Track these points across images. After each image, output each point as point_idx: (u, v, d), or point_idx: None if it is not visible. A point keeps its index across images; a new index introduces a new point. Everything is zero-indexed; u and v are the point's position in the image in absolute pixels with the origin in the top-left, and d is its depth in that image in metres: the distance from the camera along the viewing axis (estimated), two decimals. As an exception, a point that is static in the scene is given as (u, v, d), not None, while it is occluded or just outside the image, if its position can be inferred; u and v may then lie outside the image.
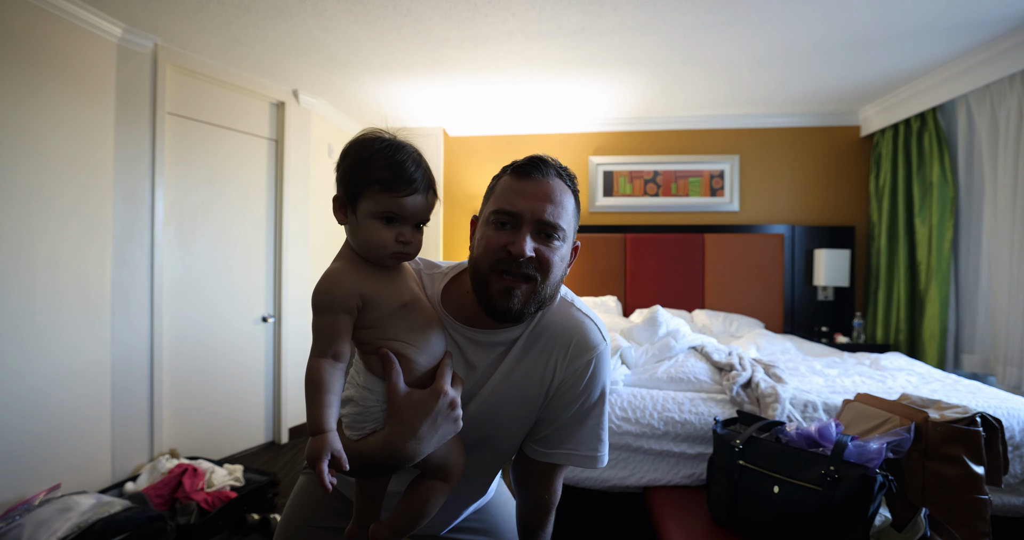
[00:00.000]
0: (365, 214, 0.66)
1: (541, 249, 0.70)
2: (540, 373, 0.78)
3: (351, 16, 2.12)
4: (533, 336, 0.79)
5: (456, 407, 0.69)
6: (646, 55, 2.53)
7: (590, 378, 0.79)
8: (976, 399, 1.74)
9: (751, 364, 1.94)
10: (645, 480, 1.70)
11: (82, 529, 1.60)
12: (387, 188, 0.64)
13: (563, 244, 0.73)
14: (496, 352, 0.78)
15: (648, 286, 3.52)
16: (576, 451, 0.80)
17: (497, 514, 1.00)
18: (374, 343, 0.68)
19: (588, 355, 0.79)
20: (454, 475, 0.74)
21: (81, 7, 2.00)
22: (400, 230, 0.66)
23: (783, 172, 3.59)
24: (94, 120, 2.13)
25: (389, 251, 0.67)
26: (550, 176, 0.73)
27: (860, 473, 1.19)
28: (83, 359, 2.09)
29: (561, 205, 0.72)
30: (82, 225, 2.08)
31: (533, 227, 0.70)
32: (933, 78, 2.76)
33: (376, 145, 0.66)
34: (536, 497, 0.85)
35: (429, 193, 0.68)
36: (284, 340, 3.00)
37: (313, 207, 3.20)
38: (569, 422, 0.80)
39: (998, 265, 2.51)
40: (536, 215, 0.70)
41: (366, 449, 0.66)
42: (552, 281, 0.72)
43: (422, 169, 0.67)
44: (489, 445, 0.81)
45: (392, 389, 0.67)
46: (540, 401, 0.79)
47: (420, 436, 0.66)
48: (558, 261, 0.72)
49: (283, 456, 2.80)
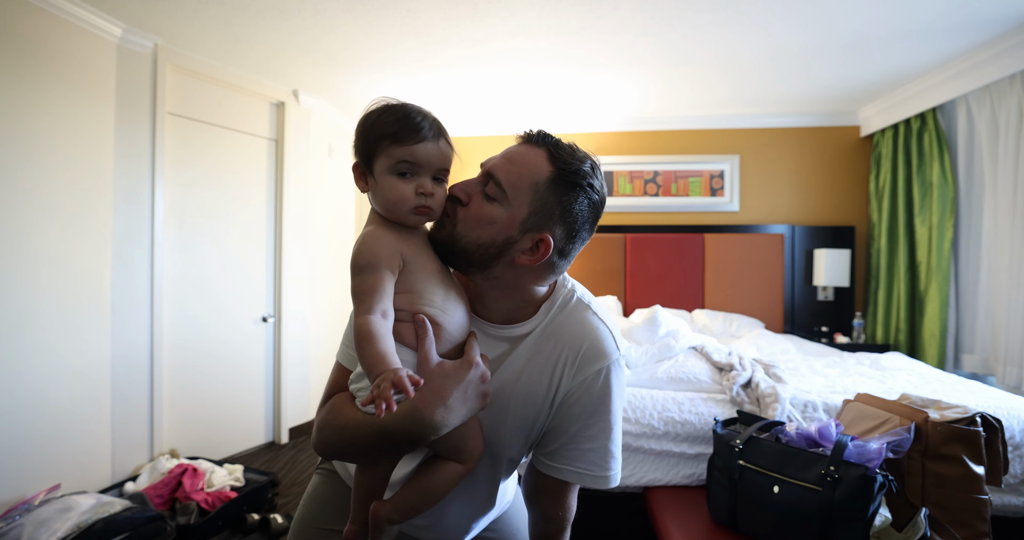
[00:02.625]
0: (381, 172, 0.66)
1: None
2: (547, 376, 0.74)
3: (351, 16, 2.12)
4: (543, 335, 0.75)
5: (487, 381, 0.67)
6: (646, 55, 2.53)
7: (601, 390, 0.74)
8: (976, 399, 1.74)
9: (751, 364, 1.94)
10: (645, 480, 1.70)
11: (82, 529, 1.60)
12: (396, 139, 0.65)
13: (491, 203, 0.69)
14: (503, 347, 0.76)
15: (648, 286, 3.52)
16: (586, 470, 0.75)
17: (513, 525, 0.96)
18: (408, 309, 0.66)
19: (599, 364, 0.73)
20: (471, 458, 0.70)
21: (81, 7, 2.00)
22: (419, 182, 0.66)
23: (783, 172, 3.59)
24: (94, 120, 2.13)
25: (410, 205, 0.66)
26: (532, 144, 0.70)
27: (860, 473, 1.19)
28: (83, 359, 2.09)
29: (515, 163, 0.69)
30: (82, 225, 2.08)
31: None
32: (933, 78, 2.76)
33: (382, 107, 0.68)
34: (550, 513, 0.81)
35: (441, 141, 0.68)
36: (284, 340, 3.00)
37: (313, 207, 3.20)
38: (578, 437, 0.75)
39: (998, 265, 2.51)
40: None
41: (389, 420, 0.61)
42: (466, 230, 0.69)
43: (429, 119, 0.67)
44: (489, 446, 0.77)
45: (424, 357, 0.64)
46: (545, 407, 0.76)
47: (449, 406, 0.63)
48: (468, 208, 0.70)
49: (283, 456, 2.80)
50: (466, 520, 0.84)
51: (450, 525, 0.82)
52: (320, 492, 0.89)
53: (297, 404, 3.10)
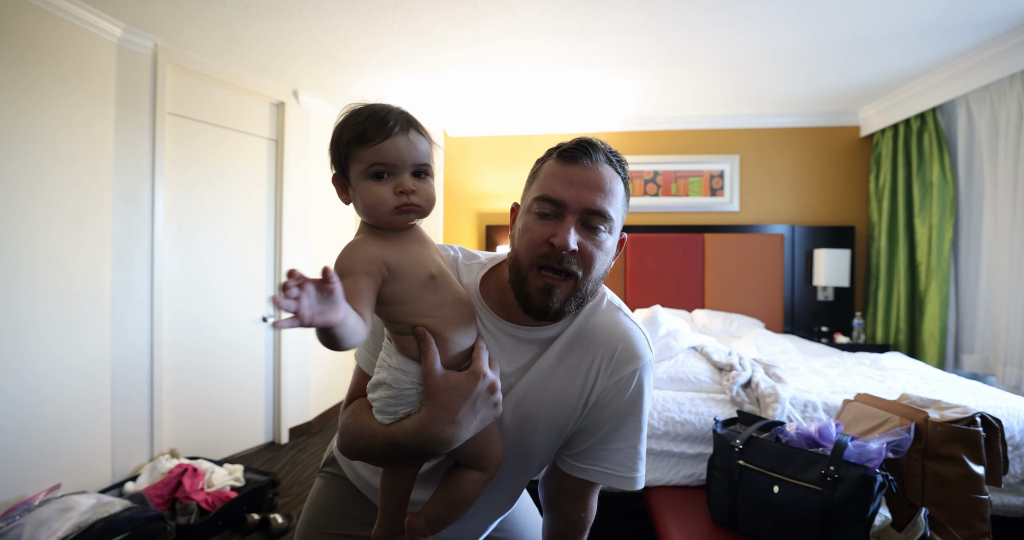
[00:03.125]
0: (357, 178, 0.63)
1: (585, 243, 0.66)
2: (582, 378, 0.73)
3: (351, 16, 2.12)
4: (575, 337, 0.74)
5: (496, 391, 0.66)
6: (646, 55, 2.53)
7: (634, 391, 0.74)
8: (976, 399, 1.74)
9: (751, 364, 1.94)
10: (645, 480, 1.70)
11: (82, 529, 1.60)
12: (364, 140, 0.61)
13: (609, 236, 0.68)
14: (533, 350, 0.74)
15: (648, 286, 3.52)
16: (613, 470, 0.75)
17: (520, 523, 0.96)
18: (407, 321, 0.64)
19: (633, 365, 0.74)
20: (492, 465, 0.70)
21: (81, 7, 2.00)
22: (397, 181, 0.62)
23: (783, 172, 3.59)
24: (94, 120, 2.13)
25: (391, 206, 0.62)
26: (600, 162, 0.68)
27: (860, 473, 1.19)
28: (83, 359, 2.09)
29: (611, 193, 0.67)
30: (82, 225, 2.08)
31: (579, 217, 0.66)
32: (933, 78, 2.76)
33: (348, 112, 0.65)
34: (571, 516, 0.80)
35: (411, 132, 0.63)
36: (284, 340, 3.00)
37: (313, 207, 3.20)
38: (608, 437, 0.75)
39: (998, 265, 2.51)
40: (583, 204, 0.65)
41: (400, 434, 0.62)
42: (595, 276, 0.68)
43: (395, 113, 0.63)
44: (520, 450, 0.75)
45: (429, 370, 0.62)
46: (578, 409, 0.75)
47: (458, 420, 0.62)
48: (602, 255, 0.68)
49: (283, 456, 2.80)
50: (486, 522, 0.84)
51: (470, 525, 0.82)
52: (324, 496, 0.88)
53: (297, 404, 3.10)
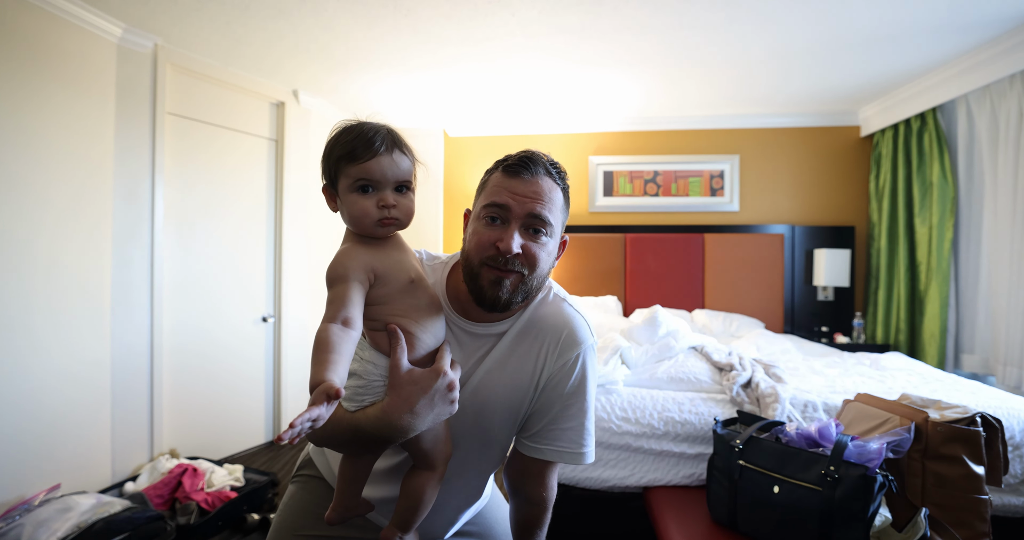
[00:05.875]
0: (344, 191, 0.70)
1: (528, 245, 0.75)
2: (532, 363, 0.82)
3: (351, 16, 2.12)
4: (525, 328, 0.83)
5: (454, 389, 0.72)
6: (646, 55, 2.53)
7: (579, 373, 0.83)
8: (976, 399, 1.74)
9: (751, 364, 1.94)
10: (645, 480, 1.70)
11: (82, 529, 1.60)
12: (351, 158, 0.68)
13: (550, 239, 0.78)
14: (487, 343, 0.82)
15: (648, 286, 3.52)
16: (565, 448, 0.83)
17: (491, 517, 1.02)
18: (383, 319, 0.71)
19: (576, 349, 0.83)
20: (440, 462, 0.76)
21: (81, 7, 2.00)
22: (379, 195, 0.69)
23: (783, 172, 3.59)
24: (94, 120, 2.13)
25: (373, 219, 0.69)
26: (539, 175, 0.77)
27: (860, 473, 1.19)
28: (83, 359, 2.09)
29: (551, 201, 0.77)
30: (82, 225, 2.08)
31: (522, 222, 0.75)
32: (933, 78, 2.76)
33: (340, 129, 0.72)
34: (533, 495, 0.87)
35: (396, 152, 0.70)
36: (284, 340, 3.00)
37: (313, 207, 3.20)
38: (558, 417, 0.83)
39: (998, 265, 2.51)
40: (525, 210, 0.75)
41: (363, 420, 0.68)
42: (539, 274, 0.77)
43: (382, 133, 0.70)
44: (481, 432, 0.83)
45: (395, 364, 0.69)
46: (530, 392, 0.83)
47: (416, 412, 0.68)
48: (544, 256, 0.77)
49: (283, 456, 2.80)
50: (454, 512, 0.90)
51: (439, 517, 0.87)
52: (298, 499, 0.92)
53: (297, 404, 3.10)
